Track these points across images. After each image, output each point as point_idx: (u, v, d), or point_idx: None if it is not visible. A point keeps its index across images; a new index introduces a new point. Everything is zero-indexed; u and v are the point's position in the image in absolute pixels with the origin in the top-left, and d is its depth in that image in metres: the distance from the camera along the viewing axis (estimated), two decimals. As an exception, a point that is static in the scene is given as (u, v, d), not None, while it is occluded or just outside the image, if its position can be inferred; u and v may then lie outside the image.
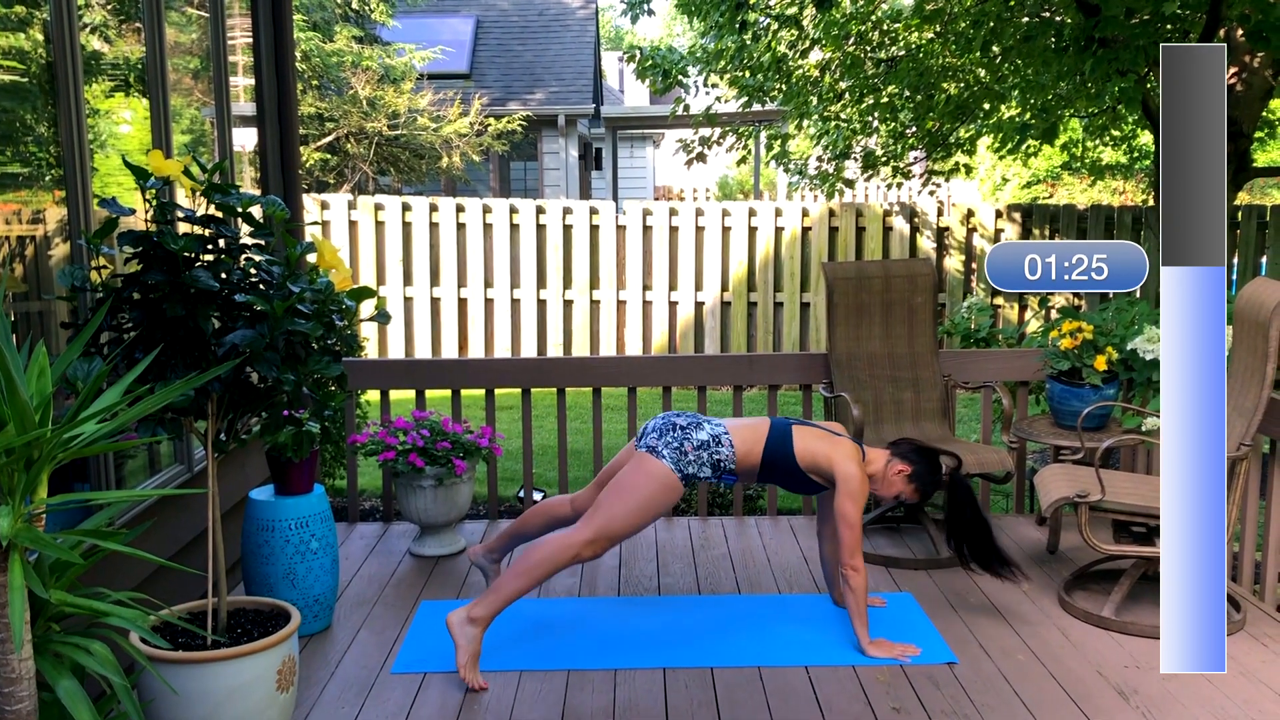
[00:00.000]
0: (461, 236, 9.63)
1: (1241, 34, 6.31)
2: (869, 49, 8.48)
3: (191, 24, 4.10)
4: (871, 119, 8.99)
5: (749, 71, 8.49)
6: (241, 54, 4.48)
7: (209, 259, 2.74)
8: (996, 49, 7.58)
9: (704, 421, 3.48)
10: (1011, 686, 3.20)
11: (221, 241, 2.75)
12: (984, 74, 8.25)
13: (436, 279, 9.65)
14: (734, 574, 4.20)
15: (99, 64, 3.44)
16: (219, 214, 2.75)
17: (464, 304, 9.70)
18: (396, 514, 4.94)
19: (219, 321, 2.71)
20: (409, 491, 4.32)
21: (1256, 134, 7.90)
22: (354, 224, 9.58)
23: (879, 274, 4.86)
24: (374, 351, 9.56)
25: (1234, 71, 6.72)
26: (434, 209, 9.60)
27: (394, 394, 5.15)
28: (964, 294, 9.35)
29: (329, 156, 12.36)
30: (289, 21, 4.71)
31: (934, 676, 3.26)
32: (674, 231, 9.57)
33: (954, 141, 9.06)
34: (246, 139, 4.58)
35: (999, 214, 9.47)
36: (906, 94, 8.34)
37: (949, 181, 10.04)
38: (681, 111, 9.01)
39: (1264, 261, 8.96)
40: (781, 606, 3.83)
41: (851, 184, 9.59)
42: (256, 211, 2.82)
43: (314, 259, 2.94)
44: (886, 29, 8.40)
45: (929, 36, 8.18)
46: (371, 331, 9.52)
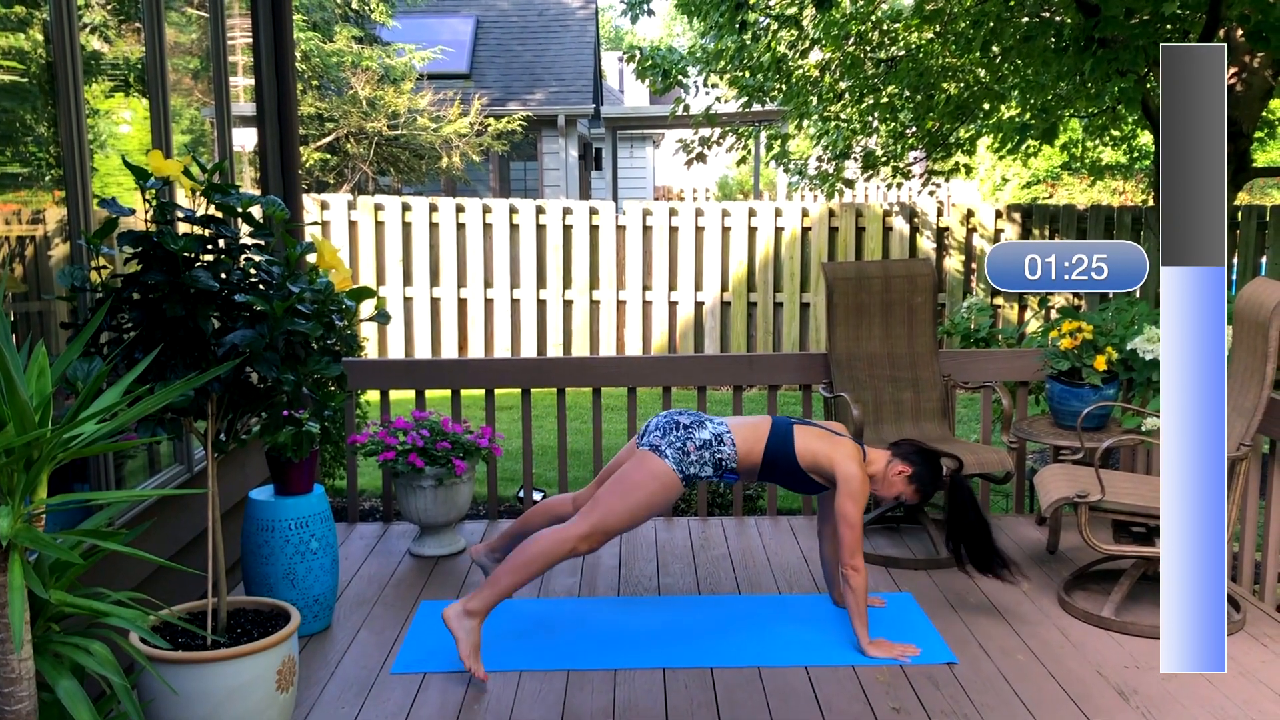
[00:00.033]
0: (461, 236, 9.63)
1: (1241, 34, 6.31)
2: (869, 49, 8.48)
3: (191, 24, 4.10)
4: (871, 119, 8.99)
5: (749, 71, 8.49)
6: (241, 54, 4.48)
7: (209, 259, 2.74)
8: (996, 49, 7.58)
9: (706, 420, 3.49)
10: (1011, 686, 3.20)
11: (221, 242, 2.75)
12: (984, 74, 8.25)
13: (436, 279, 9.65)
14: (734, 574, 4.20)
15: (99, 64, 3.44)
16: (219, 214, 2.76)
17: (464, 304, 9.70)
18: (396, 514, 4.94)
19: (219, 321, 2.71)
20: (409, 491, 4.32)
21: (1256, 134, 7.90)
22: (354, 224, 9.58)
23: (879, 274, 4.86)
24: (374, 351, 9.56)
25: (1234, 72, 6.73)
26: (434, 209, 9.60)
27: (394, 394, 5.15)
28: (964, 294, 9.35)
29: (329, 156, 12.36)
30: (289, 21, 4.71)
31: (934, 676, 3.26)
32: (674, 232, 9.57)
33: (954, 141, 9.06)
34: (246, 139, 4.58)
35: (999, 214, 9.47)
36: (906, 94, 8.35)
37: (949, 181, 10.04)
38: (681, 112, 9.01)
39: (1264, 261, 8.96)
40: (781, 606, 3.83)
41: (851, 184, 9.59)
42: (256, 212, 2.82)
43: (314, 259, 2.94)
44: (886, 29, 8.40)
45: (929, 36, 8.18)
46: (371, 331, 9.52)
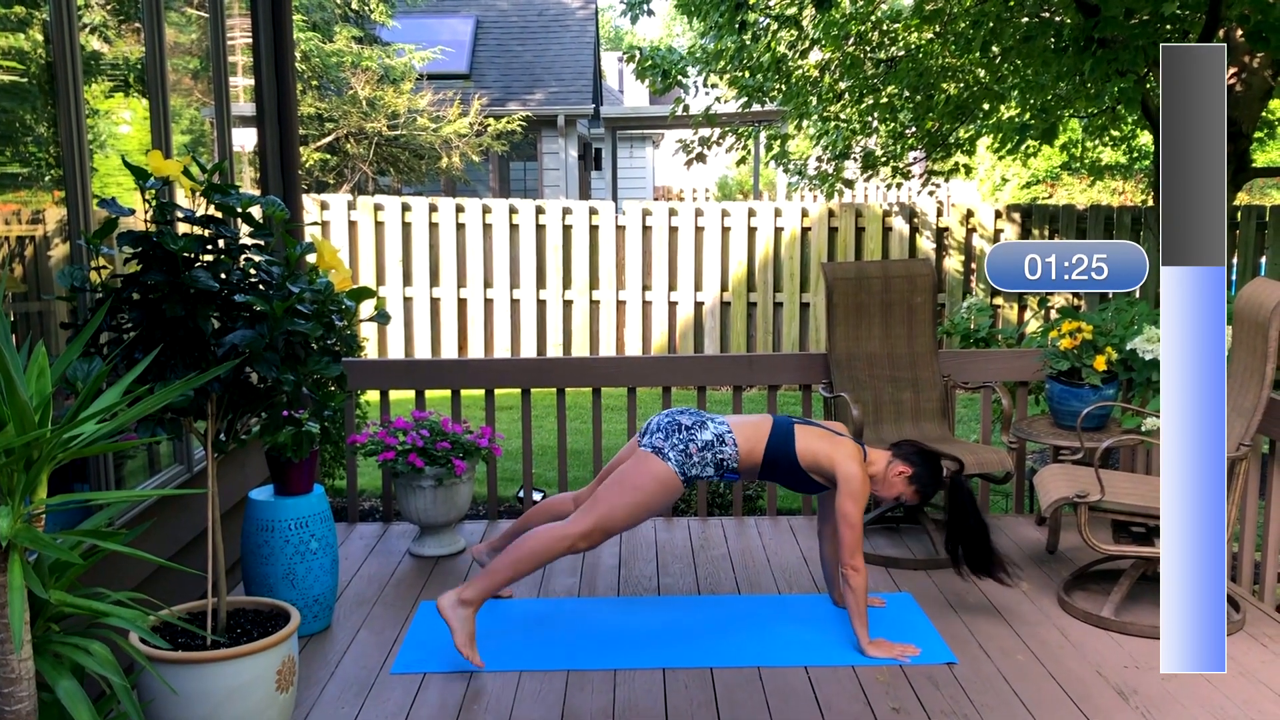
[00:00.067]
0: (461, 237, 9.63)
1: (1241, 34, 6.31)
2: (868, 49, 8.49)
3: (191, 24, 4.10)
4: (871, 119, 9.00)
5: (748, 72, 8.50)
6: (241, 54, 4.48)
7: (209, 259, 2.74)
8: (996, 49, 7.58)
9: (708, 420, 3.49)
10: (1011, 687, 3.20)
11: (221, 242, 2.75)
12: (983, 74, 8.25)
13: (436, 279, 9.65)
14: (734, 574, 4.20)
15: (99, 64, 3.44)
16: (219, 214, 2.76)
17: (463, 304, 9.69)
18: (396, 514, 4.94)
19: (219, 322, 2.71)
20: (408, 492, 4.32)
21: (1256, 134, 7.90)
22: (353, 224, 9.58)
23: (878, 274, 4.86)
24: (373, 352, 9.56)
25: (1233, 72, 6.73)
26: (433, 209, 9.60)
27: (394, 394, 5.15)
28: (963, 294, 9.35)
29: (329, 157, 12.36)
30: (289, 22, 4.71)
31: (933, 676, 3.26)
32: (673, 232, 9.57)
33: (953, 142, 9.06)
34: (246, 139, 4.58)
35: (998, 214, 9.47)
36: (906, 94, 8.35)
37: (948, 182, 10.04)
38: (681, 112, 9.01)
39: (1263, 262, 8.97)
40: (781, 607, 3.83)
41: (851, 184, 9.59)
42: (256, 212, 2.82)
43: (314, 259, 2.94)
44: (886, 29, 8.40)
45: (928, 37, 8.18)
46: (371, 332, 9.52)
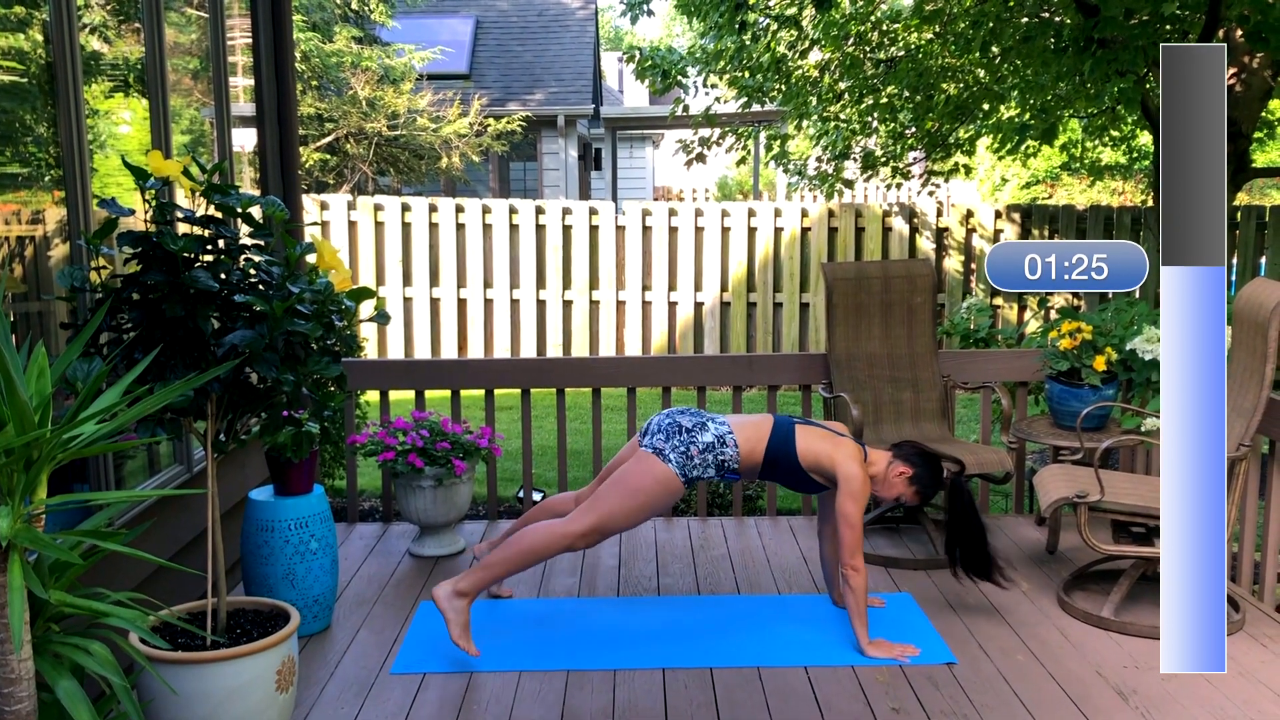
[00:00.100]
0: (461, 237, 9.63)
1: (1241, 35, 6.32)
2: (868, 49, 8.49)
3: (191, 24, 4.10)
4: (871, 119, 9.00)
5: (748, 72, 8.50)
6: (241, 54, 4.48)
7: (208, 259, 2.74)
8: (996, 49, 7.58)
9: (708, 420, 3.48)
10: (1010, 687, 3.21)
11: (221, 242, 2.75)
12: (983, 74, 8.26)
13: (436, 279, 9.65)
14: (733, 574, 4.20)
15: (99, 64, 3.44)
16: (218, 214, 2.76)
17: (463, 304, 9.70)
18: (396, 514, 4.94)
19: (218, 322, 2.71)
20: (408, 492, 4.32)
21: (1255, 134, 7.91)
22: (353, 224, 9.58)
23: (878, 274, 4.86)
24: (373, 352, 9.56)
25: (1233, 72, 6.73)
26: (433, 209, 9.60)
27: (393, 394, 5.15)
28: (963, 294, 9.35)
29: (328, 157, 12.36)
30: (289, 22, 4.70)
31: (933, 677, 3.26)
32: (673, 232, 9.57)
33: (953, 142, 9.06)
34: (246, 139, 4.58)
35: (998, 214, 9.47)
36: (906, 94, 8.35)
37: (948, 182, 10.04)
38: (681, 112, 9.02)
39: (1263, 262, 8.97)
40: (781, 607, 3.83)
41: (851, 184, 9.59)
42: (256, 212, 2.82)
43: (313, 259, 2.94)
44: (886, 29, 8.41)
45: (928, 37, 8.19)
46: (371, 332, 9.52)
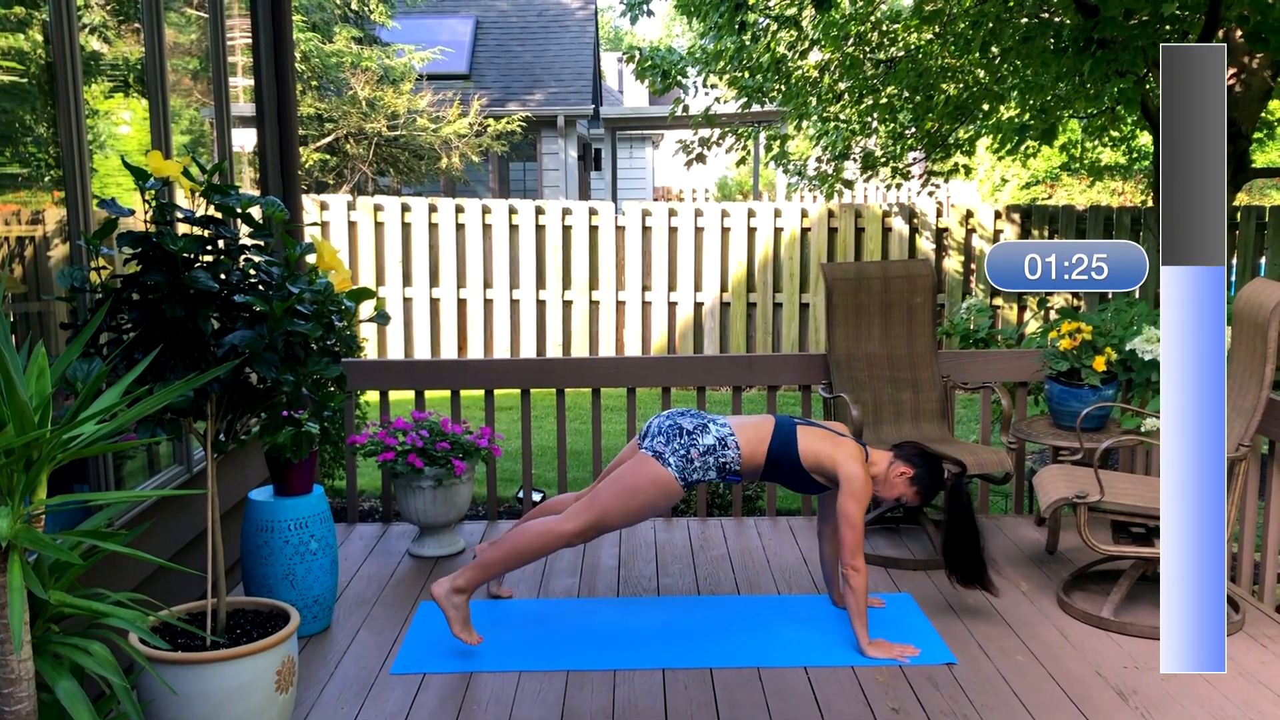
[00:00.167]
0: (461, 237, 9.63)
1: (1240, 35, 6.32)
2: (868, 50, 8.49)
3: (191, 24, 4.10)
4: (871, 120, 9.00)
5: (748, 72, 8.50)
6: (241, 55, 4.48)
7: (208, 260, 2.74)
8: (995, 50, 7.59)
9: (709, 422, 3.48)
10: (1010, 687, 3.21)
11: (221, 242, 2.75)
12: (983, 75, 8.26)
13: (436, 280, 9.65)
14: (733, 575, 4.20)
15: (98, 64, 3.44)
16: (218, 215, 2.76)
17: (463, 305, 9.70)
18: (396, 514, 4.94)
19: (218, 322, 2.71)
20: (408, 492, 4.31)
21: (1255, 135, 7.91)
22: (353, 225, 9.58)
23: (878, 275, 4.86)
24: (373, 352, 9.56)
25: (1233, 73, 6.73)
26: (433, 210, 9.60)
27: (393, 395, 5.15)
28: (963, 295, 9.35)
29: (328, 157, 12.36)
30: (288, 22, 4.70)
31: (933, 677, 3.26)
32: (673, 232, 9.57)
33: (953, 142, 9.06)
34: (246, 140, 4.58)
35: (998, 214, 9.48)
36: (905, 95, 8.35)
37: (948, 182, 10.05)
38: (680, 112, 9.02)
39: (1263, 262, 8.97)
40: (781, 607, 3.83)
41: (850, 185, 9.60)
42: (256, 212, 2.82)
43: (313, 260, 2.94)
44: (886, 30, 8.41)
45: (928, 37, 8.19)
46: (371, 332, 9.52)
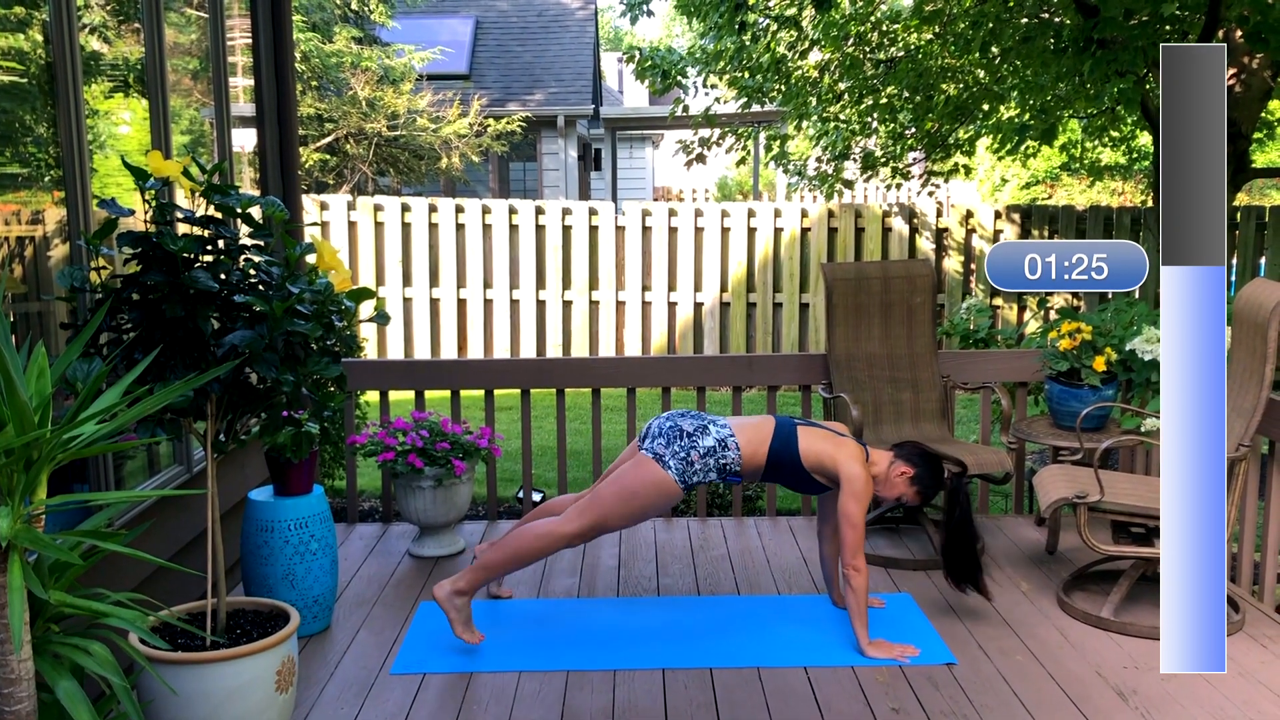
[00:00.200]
0: (460, 237, 9.63)
1: (1240, 35, 6.32)
2: (868, 50, 8.49)
3: (191, 25, 4.10)
4: (871, 120, 9.00)
5: (748, 72, 8.50)
6: (241, 55, 4.48)
7: (208, 260, 2.74)
8: (995, 50, 7.59)
9: (709, 423, 3.47)
10: (1010, 687, 3.21)
11: (221, 242, 2.75)
12: (983, 75, 8.26)
13: (436, 280, 9.65)
14: (733, 575, 4.20)
15: (98, 64, 3.44)
16: (218, 215, 2.76)
17: (463, 305, 9.70)
18: (396, 515, 4.94)
19: (218, 322, 2.71)
20: (408, 492, 4.31)
21: (1255, 135, 7.91)
22: (353, 225, 9.58)
23: (878, 275, 4.86)
24: (373, 352, 9.56)
25: (1233, 73, 6.73)
26: (433, 210, 9.60)
27: (393, 395, 5.15)
28: (963, 295, 9.36)
29: (328, 157, 12.36)
30: (288, 22, 4.70)
31: (933, 677, 3.26)
32: (673, 232, 9.57)
33: (953, 142, 9.06)
34: (246, 140, 4.58)
35: (998, 215, 9.48)
36: (905, 95, 8.36)
37: (948, 182, 10.05)
38: (680, 112, 9.02)
39: (1263, 262, 8.97)
40: (781, 607, 3.83)
41: (850, 185, 9.60)
42: (256, 212, 2.82)
43: (313, 260, 2.94)
44: (886, 30, 8.41)
45: (928, 37, 8.19)
46: (371, 332, 9.52)
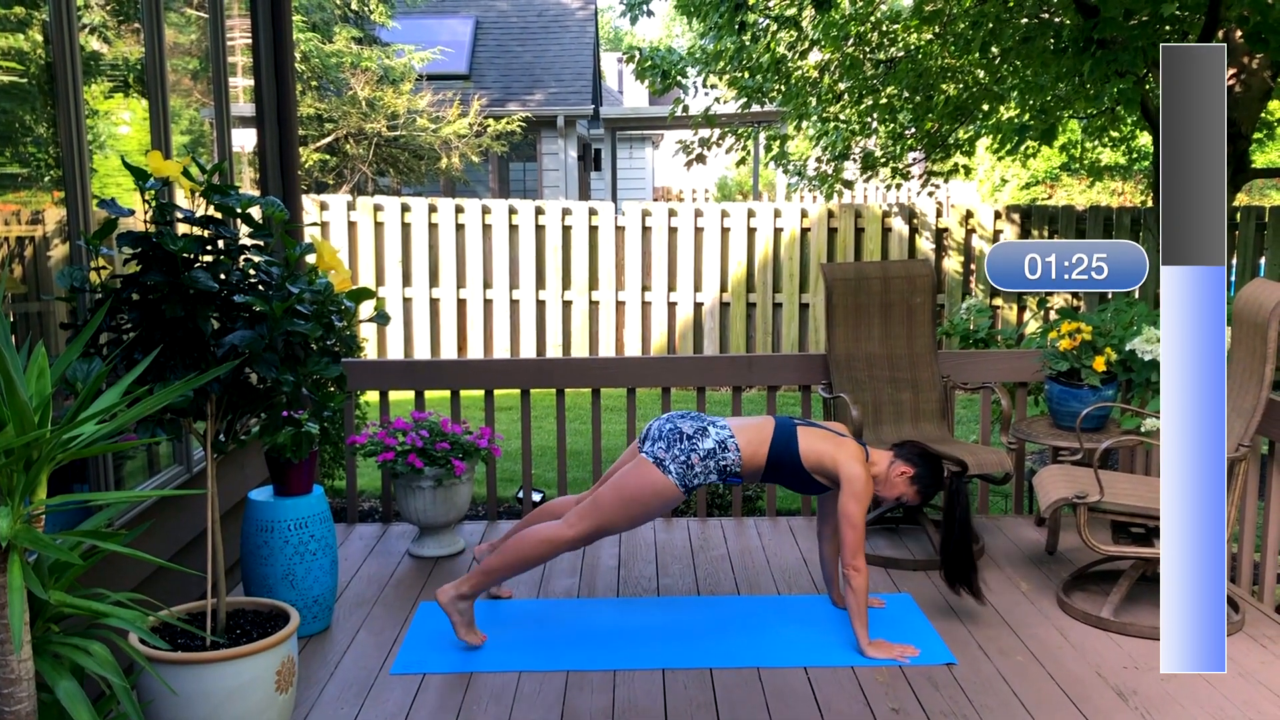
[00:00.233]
0: (460, 237, 9.63)
1: (1240, 35, 6.32)
2: (868, 50, 8.49)
3: (191, 25, 4.10)
4: (870, 120, 9.00)
5: (748, 72, 8.50)
6: (241, 55, 4.48)
7: (208, 260, 2.74)
8: (995, 50, 7.59)
9: (709, 425, 3.47)
10: (1010, 687, 3.21)
11: (221, 242, 2.75)
12: (983, 75, 8.26)
13: (435, 280, 9.65)
14: (733, 575, 4.20)
15: (98, 65, 3.44)
16: (218, 215, 2.76)
17: (463, 305, 9.69)
18: (396, 515, 4.94)
19: (218, 322, 2.71)
20: (408, 492, 4.31)
21: (1255, 135, 7.92)
22: (353, 225, 9.58)
23: (878, 275, 4.86)
24: (373, 352, 9.56)
25: (1233, 73, 6.73)
26: (433, 210, 9.60)
27: (393, 395, 5.15)
28: (963, 295, 9.36)
29: (328, 157, 12.36)
30: (288, 22, 4.70)
31: (933, 677, 3.26)
32: (673, 232, 9.57)
33: (953, 142, 9.06)
34: (246, 140, 4.58)
35: (998, 215, 9.48)
36: (905, 95, 8.36)
37: (948, 182, 10.05)
38: (680, 112, 9.02)
39: (1262, 262, 8.97)
40: (780, 607, 3.83)
41: (850, 185, 9.60)
42: (255, 212, 2.82)
43: (313, 260, 2.94)
44: (885, 30, 8.41)
45: (928, 37, 8.19)
46: (370, 332, 9.52)
